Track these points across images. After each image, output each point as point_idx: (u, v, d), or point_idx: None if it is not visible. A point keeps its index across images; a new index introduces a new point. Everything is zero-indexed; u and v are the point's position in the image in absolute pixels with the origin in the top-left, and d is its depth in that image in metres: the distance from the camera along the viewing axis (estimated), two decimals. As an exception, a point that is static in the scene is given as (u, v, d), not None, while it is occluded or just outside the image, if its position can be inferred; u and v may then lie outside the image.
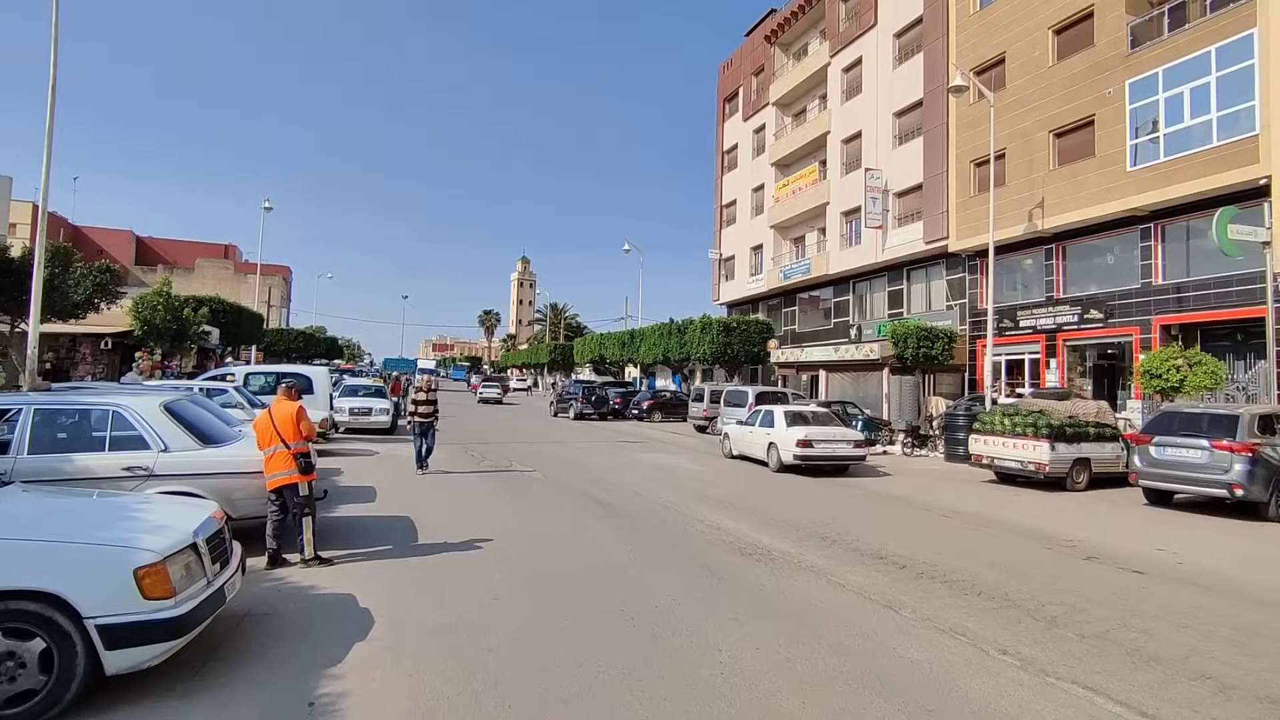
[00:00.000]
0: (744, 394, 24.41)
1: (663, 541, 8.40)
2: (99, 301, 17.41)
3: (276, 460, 6.74)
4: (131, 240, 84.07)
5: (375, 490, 11.05)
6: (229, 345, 31.72)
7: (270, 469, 6.69)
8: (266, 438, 6.76)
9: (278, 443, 6.77)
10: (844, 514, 10.75)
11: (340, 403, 20.54)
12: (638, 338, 44.85)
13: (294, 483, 6.76)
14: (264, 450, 6.75)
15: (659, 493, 12.17)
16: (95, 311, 17.46)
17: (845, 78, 33.83)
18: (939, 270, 28.38)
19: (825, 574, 7.20)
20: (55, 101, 14.49)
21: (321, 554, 6.87)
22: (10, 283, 15.35)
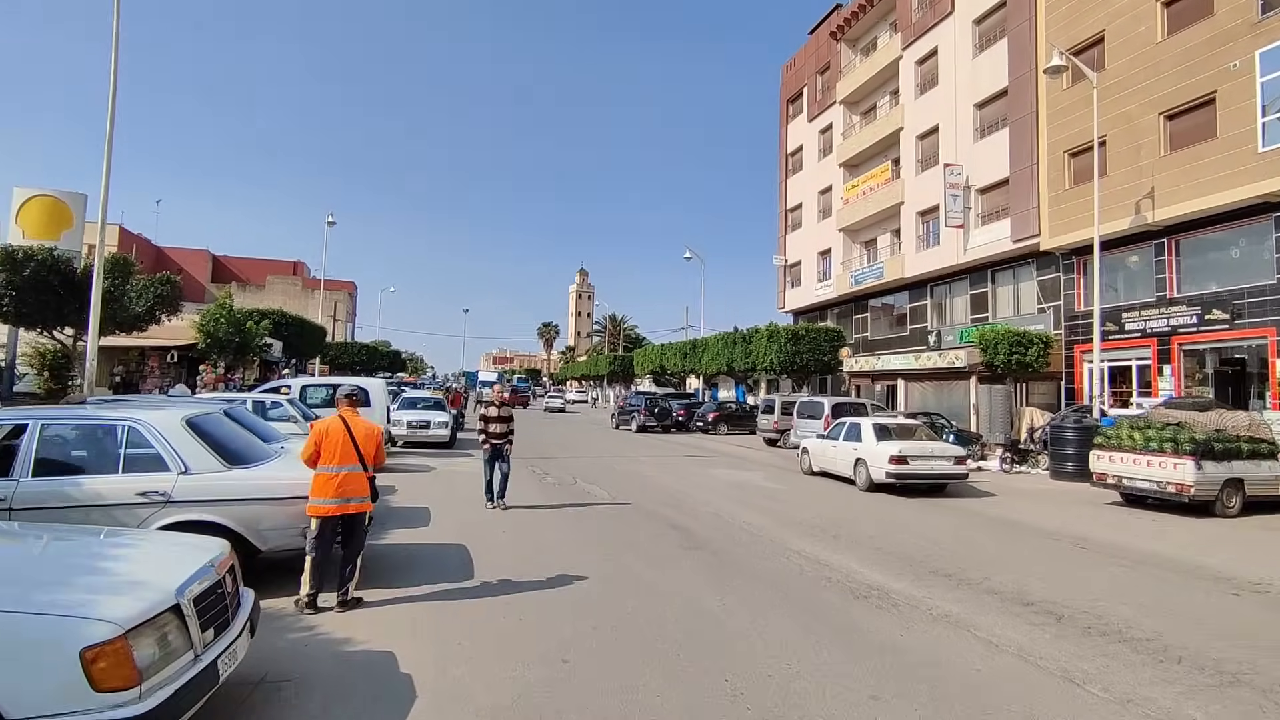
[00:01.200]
0: (819, 405, 22.87)
1: (759, 580, 7.12)
2: (160, 312, 17.21)
3: (353, 482, 5.79)
4: (208, 259, 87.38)
5: (429, 513, 10.09)
6: (291, 358, 31.87)
7: (341, 490, 5.71)
8: (337, 453, 5.78)
9: (354, 461, 5.85)
10: (960, 544, 9.26)
11: (398, 415, 19.91)
12: (700, 348, 43.56)
13: (366, 511, 5.92)
14: (329, 467, 5.72)
15: (742, 516, 10.88)
16: (156, 323, 17.28)
17: (919, 70, 32.01)
18: (1028, 271, 26.28)
19: (968, 627, 5.81)
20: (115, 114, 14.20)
21: (359, 593, 5.87)
22: (75, 295, 15.17)
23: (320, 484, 5.69)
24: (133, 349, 22.49)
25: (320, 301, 45.30)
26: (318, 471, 5.72)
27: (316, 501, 5.65)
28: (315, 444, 5.77)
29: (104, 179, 14.14)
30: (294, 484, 5.85)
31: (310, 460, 5.77)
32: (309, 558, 5.61)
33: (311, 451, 5.76)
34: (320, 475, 5.71)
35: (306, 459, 5.78)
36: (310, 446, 5.78)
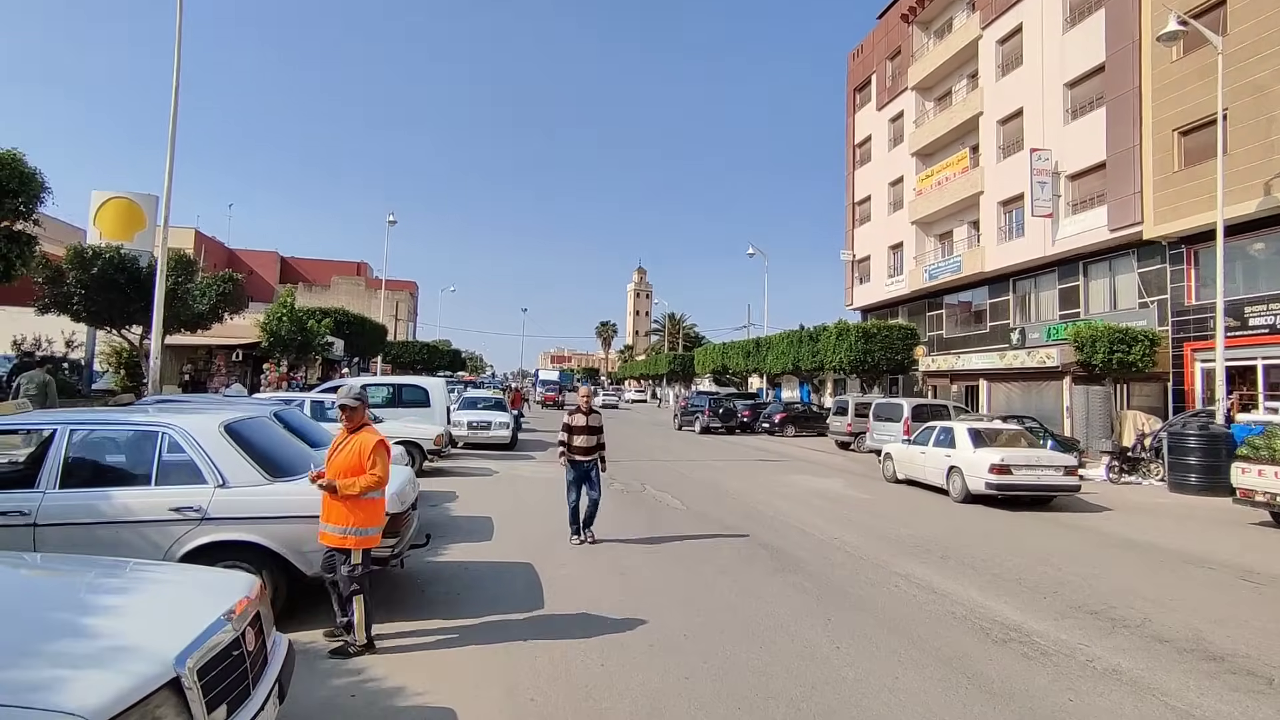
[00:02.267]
0: (897, 407, 21.46)
1: (871, 614, 6.09)
2: (223, 310, 17.10)
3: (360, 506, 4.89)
4: (277, 261, 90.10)
5: (492, 524, 9.35)
6: (353, 357, 31.98)
7: (332, 517, 4.81)
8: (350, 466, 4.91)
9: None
10: (1094, 571, 8.01)
11: (458, 415, 19.41)
12: (764, 346, 42.25)
13: (346, 547, 4.78)
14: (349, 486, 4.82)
15: (831, 531, 9.82)
16: (219, 321, 17.19)
17: (1001, 50, 30.07)
18: (1127, 262, 24.23)
19: (1152, 691, 4.68)
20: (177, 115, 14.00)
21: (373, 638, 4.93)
22: (141, 294, 15.08)
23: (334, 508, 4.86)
24: (200, 348, 22.67)
25: (381, 301, 45.66)
26: (377, 496, 4.95)
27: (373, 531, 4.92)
28: (334, 464, 4.95)
29: (166, 179, 13.95)
30: (345, 498, 5.11)
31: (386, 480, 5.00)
32: (363, 598, 4.81)
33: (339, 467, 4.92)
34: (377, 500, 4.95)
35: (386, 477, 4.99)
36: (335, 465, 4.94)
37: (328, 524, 4.76)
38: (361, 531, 4.77)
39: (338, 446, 4.97)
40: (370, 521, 4.82)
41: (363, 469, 4.77)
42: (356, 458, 4.81)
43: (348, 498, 4.71)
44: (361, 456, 4.81)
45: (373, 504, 4.84)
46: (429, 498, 11.01)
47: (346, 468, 4.79)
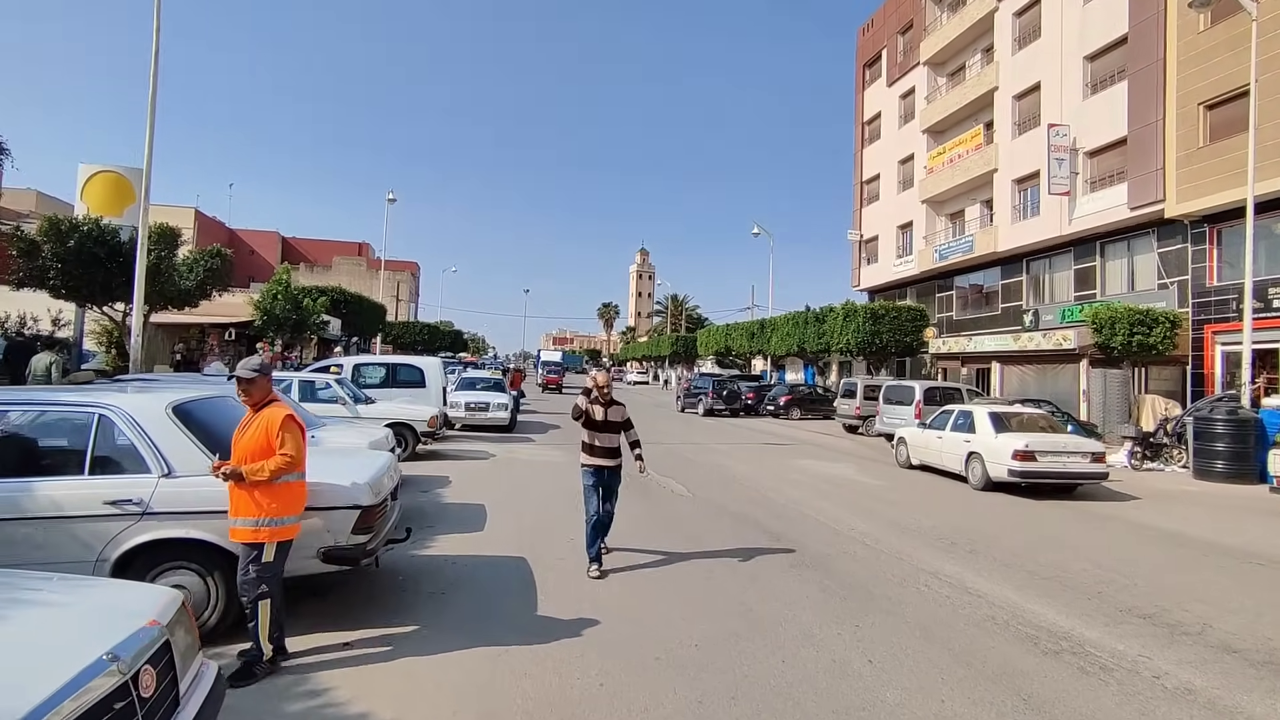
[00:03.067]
0: (909, 390, 20.81)
1: (903, 620, 5.46)
2: (211, 287, 16.42)
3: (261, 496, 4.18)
4: (278, 241, 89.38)
5: (485, 512, 8.73)
6: (351, 336, 31.33)
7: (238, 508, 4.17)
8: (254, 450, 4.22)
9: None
10: (1136, 568, 7.38)
11: (456, 397, 18.79)
12: (768, 328, 41.53)
13: (259, 541, 4.11)
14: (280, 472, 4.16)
15: (847, 520, 9.20)
16: (207, 298, 16.53)
17: (1018, 23, 29.06)
18: (1147, 242, 23.43)
19: (1231, 713, 4.06)
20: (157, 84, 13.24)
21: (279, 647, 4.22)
22: (123, 268, 14.39)
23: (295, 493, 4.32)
24: (193, 326, 22.03)
25: (381, 281, 44.95)
26: (293, 479, 4.29)
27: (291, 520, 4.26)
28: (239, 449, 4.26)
29: (147, 148, 13.24)
30: (310, 489, 4.47)
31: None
32: (270, 602, 4.10)
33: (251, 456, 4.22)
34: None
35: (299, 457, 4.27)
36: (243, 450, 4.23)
37: (238, 518, 4.10)
38: (276, 521, 4.10)
39: (243, 428, 4.26)
40: (286, 509, 4.16)
41: (272, 450, 4.11)
42: (264, 438, 4.14)
43: (257, 484, 4.06)
44: (269, 435, 4.14)
45: (288, 489, 4.18)
46: (419, 483, 10.40)
47: (253, 450, 4.12)
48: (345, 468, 5.01)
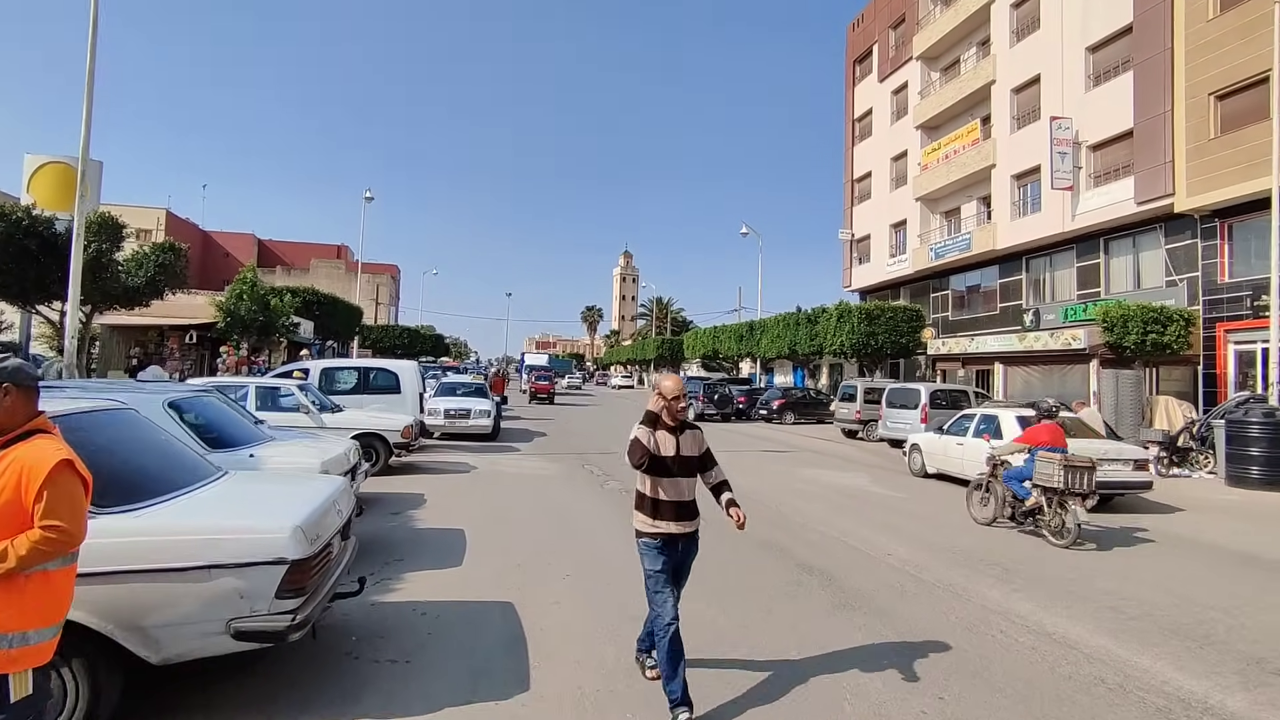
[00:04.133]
0: (914, 393, 19.82)
1: (990, 684, 4.32)
2: (163, 284, 15.00)
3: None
4: (254, 243, 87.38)
5: (464, 539, 7.50)
6: (326, 339, 29.86)
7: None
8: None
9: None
10: (1229, 600, 6.31)
11: (434, 403, 17.53)
12: (758, 330, 40.56)
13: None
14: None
15: (878, 542, 8.08)
16: (159, 296, 15.13)
17: (1016, 14, 28.29)
18: (1153, 238, 22.64)
19: None
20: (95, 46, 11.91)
21: None
22: (59, 263, 12.99)
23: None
24: (151, 329, 20.54)
25: (358, 281, 43.42)
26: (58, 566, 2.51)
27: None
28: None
29: (85, 120, 11.88)
30: (210, 538, 3.24)
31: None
32: None
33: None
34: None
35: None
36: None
37: None
38: (22, 640, 2.37)
39: None
40: (36, 618, 2.41)
41: (24, 516, 2.38)
42: (13, 495, 2.38)
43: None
44: (22, 491, 2.38)
45: (46, 585, 2.44)
46: (389, 503, 9.16)
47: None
48: (274, 502, 3.80)
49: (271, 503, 3.81)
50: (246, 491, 3.95)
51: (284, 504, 3.75)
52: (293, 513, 3.57)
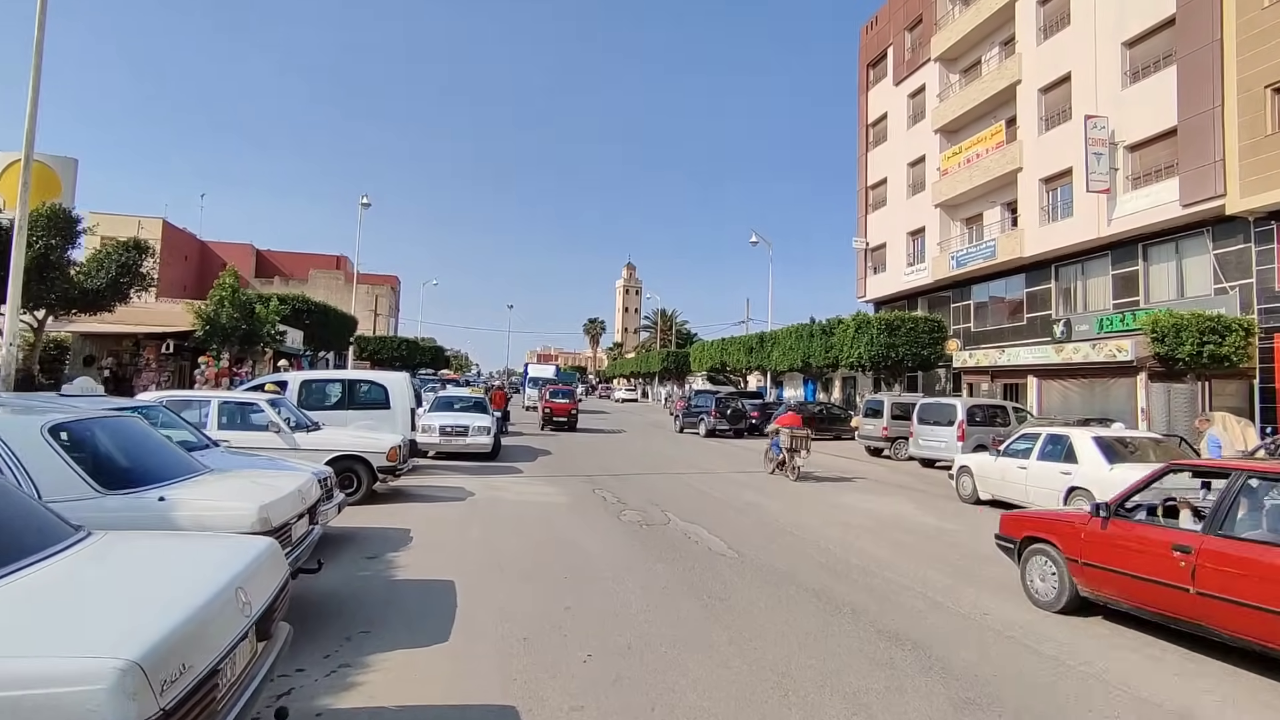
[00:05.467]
0: (949, 408, 18.31)
1: None
2: (127, 287, 13.53)
3: None
4: (252, 253, 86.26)
5: (453, 597, 5.97)
6: (318, 350, 28.38)
7: None
8: None
9: None
10: None
11: (429, 419, 16.03)
12: (769, 342, 39.09)
13: None
14: None
15: (961, 594, 6.56)
16: (123, 300, 13.66)
17: (1043, 11, 27.00)
18: (1200, 242, 21.19)
19: None
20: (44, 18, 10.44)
21: None
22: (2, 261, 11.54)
23: None
24: (125, 337, 19.09)
25: (355, 291, 42.01)
26: None
27: None
28: None
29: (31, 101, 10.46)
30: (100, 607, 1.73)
31: None
32: None
33: None
34: None
35: None
36: None
37: None
38: None
39: None
40: None
41: None
42: None
43: None
44: None
45: None
46: (365, 543, 7.64)
47: None
48: (113, 611, 2.27)
49: (109, 612, 2.30)
50: (85, 582, 2.46)
51: (128, 616, 2.23)
52: (138, 634, 2.05)
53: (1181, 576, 5.05)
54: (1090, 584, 5.87)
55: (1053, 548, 6.23)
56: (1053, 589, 6.20)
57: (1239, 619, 4.71)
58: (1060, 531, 6.23)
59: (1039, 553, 6.41)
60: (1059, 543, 6.17)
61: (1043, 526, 6.51)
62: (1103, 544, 5.75)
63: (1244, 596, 4.65)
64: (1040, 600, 6.30)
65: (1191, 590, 4.98)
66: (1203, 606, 4.93)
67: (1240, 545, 4.85)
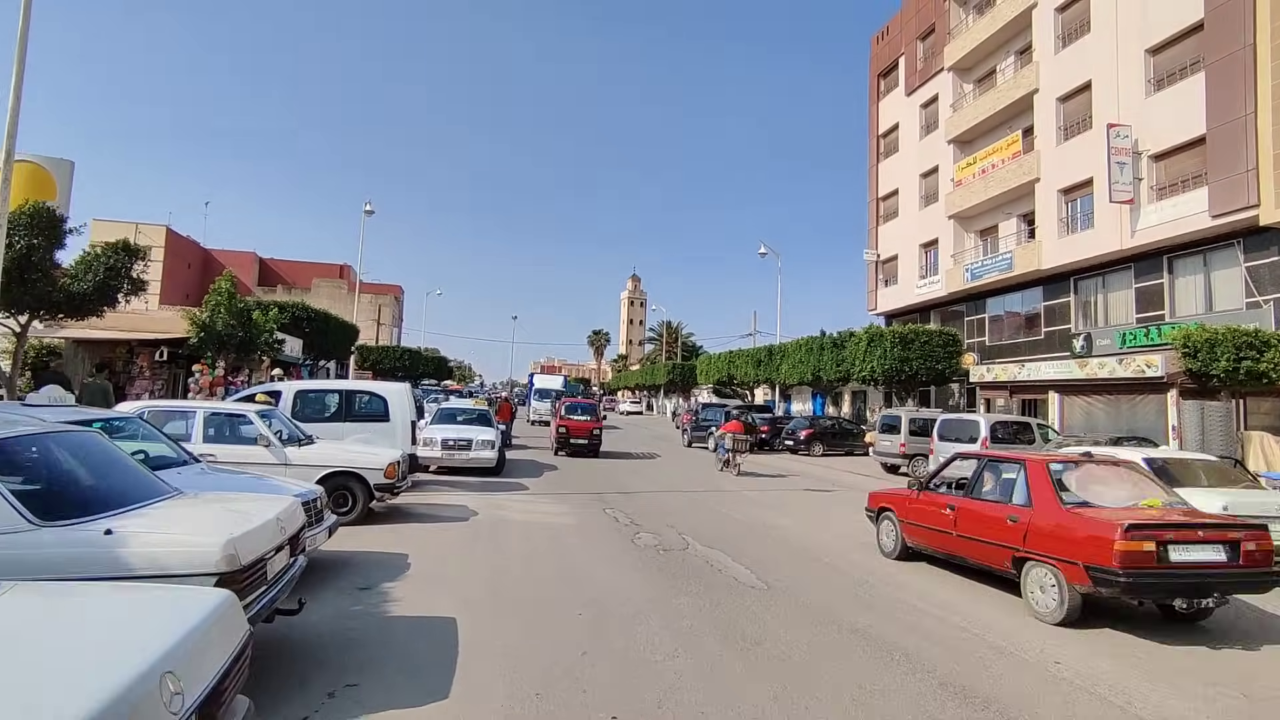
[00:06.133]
0: (971, 425, 17.59)
1: None
2: (116, 290, 12.87)
3: None
4: (255, 261, 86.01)
5: (454, 636, 5.26)
6: (318, 359, 27.73)
7: None
8: None
9: None
10: None
11: (431, 432, 15.34)
12: (778, 354, 38.34)
13: None
14: None
15: (1018, 635, 5.82)
16: (111, 305, 13.03)
17: (1061, 19, 26.48)
18: (1229, 254, 20.54)
19: None
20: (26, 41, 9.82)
21: None
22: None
23: None
24: (120, 344, 18.46)
25: (356, 300, 41.41)
26: None
27: None
28: None
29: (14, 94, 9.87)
30: None
31: None
32: None
33: None
34: None
35: None
36: None
37: None
38: None
39: None
40: None
41: None
42: None
43: None
44: None
45: None
46: (358, 569, 6.94)
47: None
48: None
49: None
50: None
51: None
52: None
53: (949, 524, 7.81)
54: (911, 536, 8.61)
55: (893, 514, 8.98)
56: (892, 543, 8.94)
57: (974, 549, 7.48)
58: (897, 502, 9.02)
59: (886, 518, 9.20)
60: (896, 510, 8.95)
61: (888, 499, 9.30)
62: (916, 509, 8.52)
63: (974, 534, 7.46)
64: (885, 552, 9.07)
65: (954, 533, 7.73)
66: (959, 544, 7.71)
67: (976, 503, 7.65)
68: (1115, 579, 5.81)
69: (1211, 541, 6.08)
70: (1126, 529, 5.86)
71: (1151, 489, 7.10)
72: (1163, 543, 5.94)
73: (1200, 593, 6.04)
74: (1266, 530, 6.29)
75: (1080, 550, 6.11)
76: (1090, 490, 6.92)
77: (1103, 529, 6.02)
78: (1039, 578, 6.53)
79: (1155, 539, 5.91)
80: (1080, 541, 6.15)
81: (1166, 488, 7.35)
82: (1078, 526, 6.27)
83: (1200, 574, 5.98)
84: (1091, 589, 6.03)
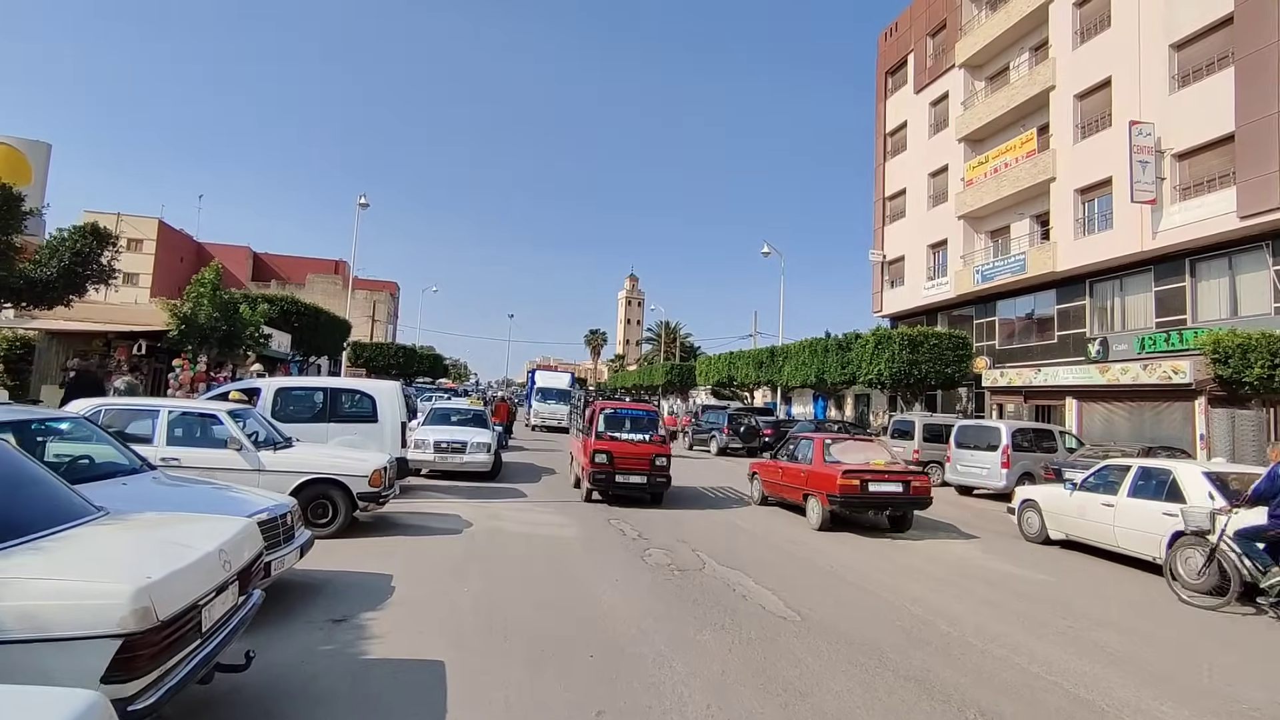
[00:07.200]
0: (992, 431, 16.75)
1: None
2: (84, 278, 11.93)
3: None
4: (249, 256, 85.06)
5: (443, 686, 4.38)
6: (308, 355, 26.76)
7: None
8: None
9: None
10: None
11: (423, 433, 14.45)
12: (780, 356, 37.46)
13: None
14: None
15: (1104, 684, 4.98)
16: (79, 293, 12.09)
17: (1079, 14, 25.70)
18: (1257, 257, 19.75)
19: None
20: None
21: None
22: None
23: None
24: (97, 336, 17.51)
25: (350, 295, 40.44)
26: None
27: None
28: None
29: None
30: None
31: None
32: None
33: None
34: None
35: None
36: None
37: None
38: None
39: None
40: None
41: None
42: None
43: None
44: None
45: None
46: (334, 595, 6.06)
47: None
48: None
49: None
50: None
51: None
52: None
53: (779, 478, 12.72)
54: (769, 490, 13.25)
55: (758, 476, 13.76)
56: (759, 494, 13.68)
57: (789, 492, 12.27)
58: (765, 469, 13.56)
59: (754, 479, 13.93)
60: (761, 474, 13.65)
61: (756, 467, 14.05)
62: (773, 472, 13.00)
63: (788, 483, 12.24)
64: (751, 501, 13.86)
65: (781, 483, 12.60)
66: (784, 490, 12.49)
67: (790, 464, 12.37)
68: (837, 501, 10.64)
69: (894, 480, 10.97)
70: (844, 473, 10.64)
71: (882, 454, 11.91)
72: (865, 481, 10.67)
73: (887, 508, 11.18)
74: (926, 475, 12.01)
75: (826, 485, 10.79)
76: (845, 454, 11.49)
77: (836, 473, 10.67)
78: (813, 505, 11.25)
79: (860, 479, 10.65)
80: (827, 479, 10.80)
81: (891, 452, 12.47)
82: (827, 472, 10.88)
83: (886, 498, 10.88)
84: (831, 508, 10.82)
